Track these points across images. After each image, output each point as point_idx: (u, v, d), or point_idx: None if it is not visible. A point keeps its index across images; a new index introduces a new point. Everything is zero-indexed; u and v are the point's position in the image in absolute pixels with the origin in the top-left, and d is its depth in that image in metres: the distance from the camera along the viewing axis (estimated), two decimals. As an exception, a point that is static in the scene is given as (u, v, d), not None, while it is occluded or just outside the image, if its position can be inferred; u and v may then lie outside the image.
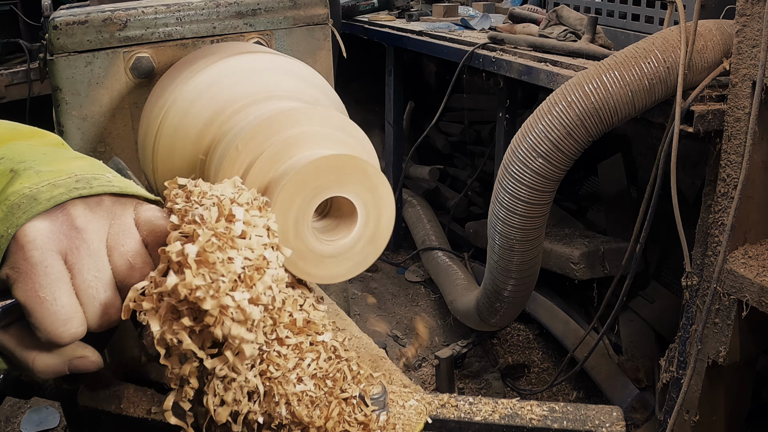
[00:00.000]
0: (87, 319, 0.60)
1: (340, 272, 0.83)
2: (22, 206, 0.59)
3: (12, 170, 0.63)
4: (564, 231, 2.89)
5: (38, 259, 0.58)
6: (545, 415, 0.80)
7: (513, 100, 2.79)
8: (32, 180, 0.61)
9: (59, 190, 0.60)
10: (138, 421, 0.81)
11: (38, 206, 0.59)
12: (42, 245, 0.58)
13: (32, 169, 0.62)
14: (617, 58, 1.80)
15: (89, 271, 0.60)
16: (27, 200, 0.59)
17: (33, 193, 0.59)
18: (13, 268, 0.58)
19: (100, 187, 0.62)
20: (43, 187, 0.60)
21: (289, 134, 0.85)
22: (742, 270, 1.67)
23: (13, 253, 0.58)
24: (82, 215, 0.61)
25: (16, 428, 2.64)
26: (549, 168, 1.88)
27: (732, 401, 1.96)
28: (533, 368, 2.99)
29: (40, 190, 0.60)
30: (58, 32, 1.19)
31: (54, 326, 0.58)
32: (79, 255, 0.60)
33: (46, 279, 0.58)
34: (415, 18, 3.48)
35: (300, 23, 1.38)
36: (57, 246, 0.59)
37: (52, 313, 0.58)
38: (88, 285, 0.60)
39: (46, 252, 0.58)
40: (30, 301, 0.58)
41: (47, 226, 0.59)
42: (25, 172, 0.62)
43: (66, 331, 0.59)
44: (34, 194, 0.59)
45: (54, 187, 0.60)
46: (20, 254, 0.58)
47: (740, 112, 1.64)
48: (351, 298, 3.37)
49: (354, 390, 0.73)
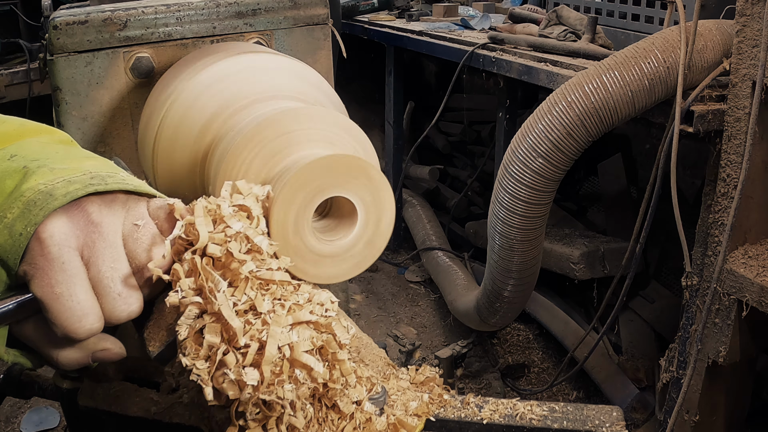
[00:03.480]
0: (105, 313, 0.61)
1: (339, 272, 0.83)
2: (38, 202, 0.59)
3: (25, 167, 0.63)
4: (564, 231, 2.89)
5: (55, 255, 0.58)
6: (545, 415, 0.80)
7: (513, 100, 2.79)
8: (47, 177, 0.61)
9: (74, 186, 0.61)
10: (138, 421, 0.81)
11: (54, 202, 0.59)
12: (59, 241, 0.59)
13: (46, 167, 0.63)
14: (617, 58, 1.80)
15: (105, 263, 0.60)
16: (43, 196, 0.59)
17: (49, 189, 0.60)
18: (30, 264, 0.58)
19: (114, 184, 0.63)
20: (58, 183, 0.61)
21: (290, 134, 0.85)
22: (742, 270, 1.67)
23: (32, 249, 0.58)
24: (97, 210, 0.61)
25: (16, 428, 2.64)
26: (549, 168, 1.88)
27: (732, 401, 1.96)
28: (533, 368, 2.99)
29: (55, 186, 0.60)
30: (58, 32, 1.19)
31: (70, 322, 0.58)
32: (95, 248, 0.60)
33: (63, 275, 0.58)
34: (415, 18, 3.48)
35: (300, 23, 1.38)
36: (74, 242, 0.59)
37: (68, 309, 0.58)
38: (104, 276, 0.60)
39: (63, 248, 0.59)
40: (46, 297, 0.58)
41: (64, 222, 0.59)
42: (39, 170, 0.62)
43: (82, 327, 0.59)
44: (49, 190, 0.60)
45: (69, 184, 0.61)
46: (38, 250, 0.58)
47: (740, 112, 1.64)
48: (351, 298, 3.37)
49: (360, 393, 0.73)
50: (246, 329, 0.61)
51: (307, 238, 0.79)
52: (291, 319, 0.63)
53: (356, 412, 0.72)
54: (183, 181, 1.00)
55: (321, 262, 0.81)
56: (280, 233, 0.77)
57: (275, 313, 0.63)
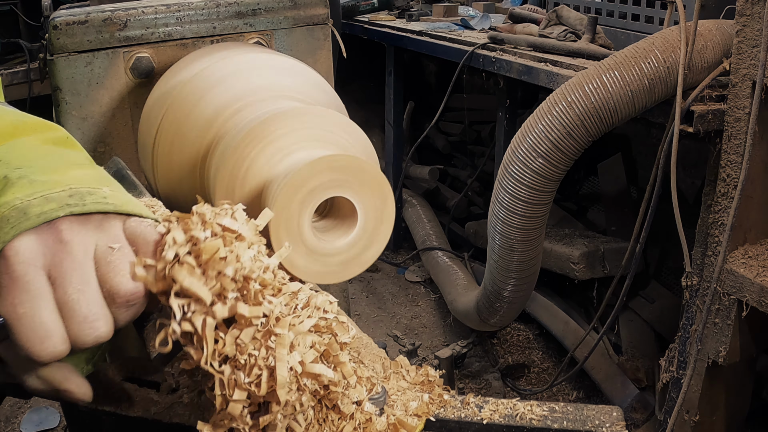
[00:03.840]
0: (71, 336, 0.58)
1: (340, 272, 0.83)
2: (11, 220, 0.57)
3: (5, 177, 0.61)
4: (564, 231, 2.89)
5: (20, 273, 0.56)
6: (545, 415, 0.80)
7: (513, 100, 2.79)
8: (25, 191, 0.59)
9: (50, 206, 0.58)
10: (138, 421, 0.81)
11: (27, 222, 0.57)
12: (25, 260, 0.57)
13: (26, 178, 0.61)
14: (617, 58, 1.80)
15: (72, 285, 0.58)
16: (17, 213, 0.57)
17: (23, 206, 0.58)
18: None
19: (93, 205, 0.60)
20: (35, 200, 0.58)
21: (290, 134, 0.85)
22: (742, 270, 1.67)
23: None
24: (68, 228, 0.59)
25: (16, 428, 2.64)
26: (549, 168, 1.88)
27: (732, 401, 1.96)
28: (533, 368, 2.99)
29: (31, 203, 0.58)
30: (58, 32, 1.19)
31: (32, 343, 0.56)
32: (63, 269, 0.58)
33: (27, 294, 0.56)
34: (415, 18, 3.48)
35: (300, 23, 1.38)
36: (41, 260, 0.57)
37: (31, 330, 0.56)
38: (70, 299, 0.58)
39: (29, 267, 0.57)
40: (9, 317, 0.56)
41: (33, 241, 0.57)
42: (19, 181, 0.60)
43: (44, 349, 0.56)
44: (24, 207, 0.58)
45: (46, 201, 0.59)
46: (3, 268, 0.56)
47: (740, 112, 1.64)
48: (351, 298, 3.37)
49: (360, 393, 0.73)
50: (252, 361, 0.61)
51: (307, 239, 0.79)
52: (293, 335, 0.62)
53: (356, 413, 0.72)
54: (183, 181, 1.00)
55: (321, 261, 0.81)
56: (280, 233, 0.77)
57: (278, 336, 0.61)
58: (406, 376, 0.86)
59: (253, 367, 0.60)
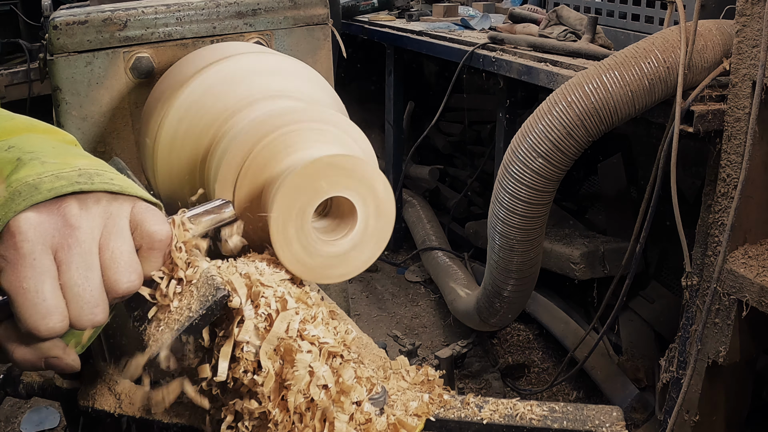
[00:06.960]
0: (70, 317, 0.61)
1: (339, 272, 0.83)
2: (23, 194, 0.60)
3: (18, 159, 0.64)
4: (564, 231, 2.89)
5: (27, 250, 0.59)
6: (545, 415, 0.80)
7: (513, 100, 2.79)
8: (36, 170, 0.62)
9: (61, 182, 0.61)
10: (138, 421, 0.81)
11: (38, 195, 0.60)
12: (33, 238, 0.59)
13: (38, 160, 0.64)
14: (617, 58, 1.80)
15: (78, 269, 0.60)
16: (28, 188, 0.60)
17: (35, 182, 0.61)
18: (2, 256, 0.59)
19: (100, 184, 0.63)
20: (46, 177, 0.61)
21: (290, 134, 0.85)
22: (742, 270, 1.67)
23: (5, 241, 0.59)
24: (77, 213, 0.61)
25: (16, 428, 2.64)
26: (549, 168, 1.88)
27: (732, 401, 1.96)
28: (533, 368, 2.99)
29: (42, 180, 0.61)
30: (58, 32, 1.19)
31: (33, 318, 0.59)
32: (70, 253, 0.60)
33: (32, 271, 0.59)
34: (415, 18, 3.48)
35: (300, 23, 1.38)
36: (49, 240, 0.60)
37: (33, 305, 0.58)
38: (75, 283, 0.60)
39: (36, 245, 0.59)
40: (13, 291, 0.58)
41: (41, 220, 0.60)
42: (31, 162, 0.63)
43: (44, 324, 0.59)
44: (36, 183, 0.61)
45: (56, 179, 0.61)
46: (11, 243, 0.59)
47: (740, 112, 1.64)
48: (351, 297, 3.37)
49: (360, 393, 0.73)
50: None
51: (307, 239, 0.79)
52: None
53: (356, 413, 0.72)
54: (183, 181, 1.00)
55: (321, 261, 0.81)
56: (281, 233, 0.77)
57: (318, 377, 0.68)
58: (406, 376, 0.86)
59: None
